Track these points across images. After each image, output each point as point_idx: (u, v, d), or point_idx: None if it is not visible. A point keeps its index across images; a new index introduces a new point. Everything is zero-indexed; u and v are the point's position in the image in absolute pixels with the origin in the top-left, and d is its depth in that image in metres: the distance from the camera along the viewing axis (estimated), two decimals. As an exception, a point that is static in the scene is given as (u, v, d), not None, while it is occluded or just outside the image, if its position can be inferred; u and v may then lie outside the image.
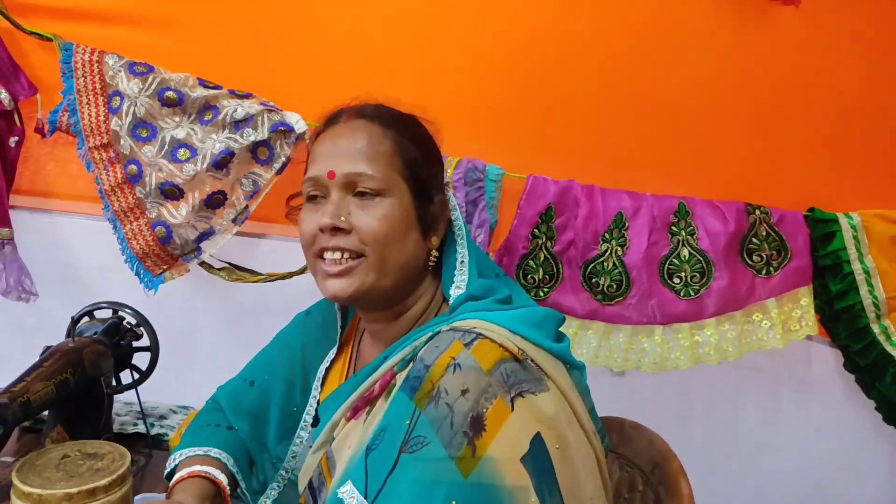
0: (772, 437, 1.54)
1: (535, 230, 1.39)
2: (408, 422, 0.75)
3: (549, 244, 1.40)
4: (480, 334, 0.79)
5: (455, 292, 0.92)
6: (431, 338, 0.83)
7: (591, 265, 1.38)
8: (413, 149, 0.94)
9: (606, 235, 1.37)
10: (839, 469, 1.56)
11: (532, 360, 0.80)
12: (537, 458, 0.75)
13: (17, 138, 1.45)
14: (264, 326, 1.20)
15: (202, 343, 1.57)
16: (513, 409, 0.75)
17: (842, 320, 1.38)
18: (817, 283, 1.38)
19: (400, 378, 0.83)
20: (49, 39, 1.40)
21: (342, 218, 0.89)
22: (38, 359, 1.09)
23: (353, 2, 1.40)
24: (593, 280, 1.38)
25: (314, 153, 0.95)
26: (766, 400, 1.53)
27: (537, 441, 0.75)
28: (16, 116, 1.44)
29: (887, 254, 1.37)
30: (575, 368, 0.87)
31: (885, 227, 1.37)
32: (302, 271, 1.45)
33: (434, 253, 0.96)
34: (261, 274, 1.47)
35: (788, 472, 1.56)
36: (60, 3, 1.40)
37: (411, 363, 0.82)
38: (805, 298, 1.37)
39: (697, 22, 1.35)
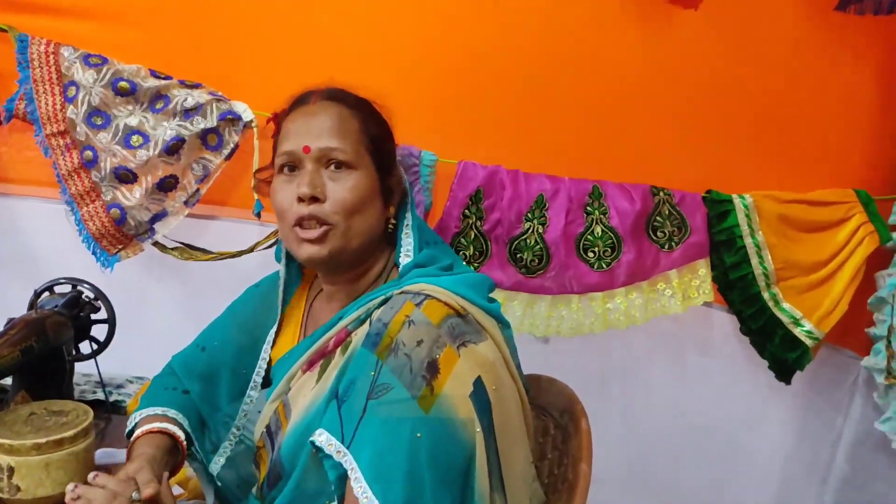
0: (680, 395, 1.71)
1: (466, 211, 1.53)
2: (372, 373, 0.86)
3: (478, 223, 1.54)
4: (428, 295, 0.91)
5: (404, 260, 1.03)
6: (385, 301, 0.94)
7: (516, 242, 1.53)
8: (376, 127, 1.05)
9: (529, 215, 1.52)
10: (743, 423, 1.75)
11: (472, 316, 0.92)
12: (479, 396, 0.87)
13: (-26, 126, 1.52)
14: (215, 302, 1.29)
15: (157, 318, 1.67)
16: (459, 355, 0.87)
17: (736, 288, 1.56)
18: (714, 256, 1.56)
19: (355, 336, 0.94)
20: (4, 31, 1.48)
21: (318, 189, 0.98)
22: (2, 328, 1.18)
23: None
24: (518, 255, 1.53)
25: (286, 130, 1.04)
26: (673, 362, 1.70)
27: (479, 382, 0.88)
28: (-26, 105, 1.51)
29: (776, 230, 1.54)
30: (504, 326, 0.99)
31: (773, 206, 1.54)
32: (250, 250, 1.56)
33: (392, 221, 1.06)
34: (211, 252, 1.57)
35: (700, 426, 1.74)
36: (16, -4, 1.48)
37: (366, 322, 0.93)
38: (703, 269, 1.54)
39: (607, 23, 1.50)
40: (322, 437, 0.86)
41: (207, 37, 1.52)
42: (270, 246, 1.54)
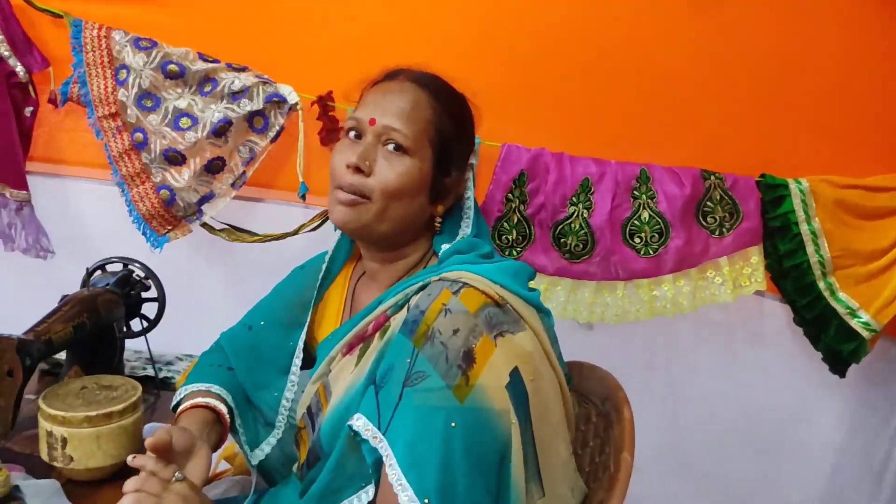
0: (728, 385, 1.67)
1: (510, 194, 1.51)
2: (408, 360, 0.86)
3: (521, 207, 1.52)
4: (466, 283, 0.89)
5: (444, 247, 1.02)
6: (423, 287, 0.93)
7: (560, 226, 1.50)
8: (449, 123, 1.03)
9: (574, 199, 1.49)
10: (793, 416, 1.70)
11: (510, 305, 0.91)
12: (516, 387, 0.86)
13: (31, 108, 1.57)
14: (261, 282, 1.31)
15: (205, 297, 1.70)
16: (496, 345, 0.86)
17: (790, 277, 1.50)
18: (768, 244, 1.51)
19: (394, 321, 0.94)
20: (60, 16, 1.51)
21: (367, 162, 0.98)
22: (56, 305, 1.22)
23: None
24: (562, 240, 1.50)
25: (365, 98, 1.05)
26: (722, 351, 1.66)
27: (515, 373, 0.87)
28: (30, 88, 1.55)
29: (832, 216, 1.48)
30: (545, 315, 0.98)
31: (831, 192, 1.48)
32: (295, 232, 1.57)
33: (438, 219, 1.05)
34: (258, 234, 1.59)
35: (745, 418, 1.70)
36: (70, -19, 1.52)
37: (404, 308, 0.93)
38: (755, 257, 1.49)
39: (656, 2, 1.45)
40: (360, 422, 0.87)
41: (254, 21, 1.53)
42: (315, 228, 1.56)
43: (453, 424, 0.82)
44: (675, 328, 1.62)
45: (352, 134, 1.03)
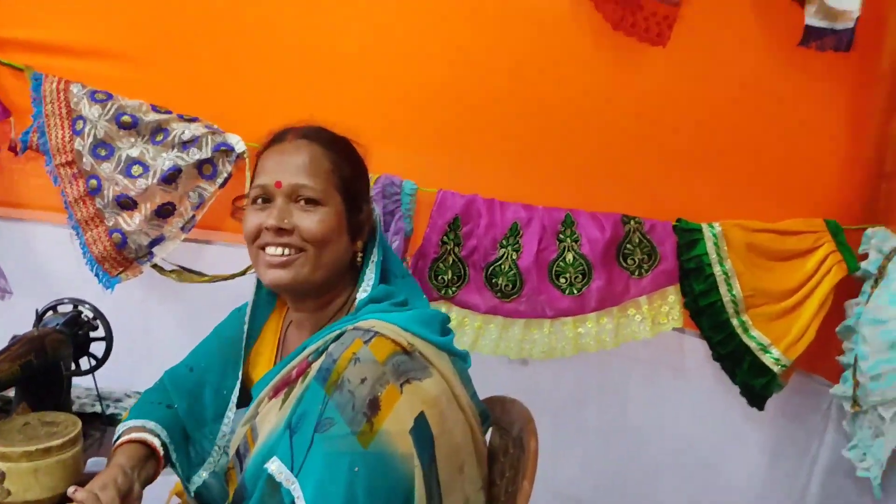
0: (656, 419, 1.76)
1: (445, 237, 1.61)
2: (320, 407, 0.93)
3: (456, 249, 1.61)
4: (377, 332, 0.96)
5: (360, 295, 1.09)
6: (339, 335, 1.00)
7: (492, 267, 1.60)
8: (347, 167, 1.12)
9: (504, 242, 1.59)
10: (719, 445, 1.79)
11: (419, 352, 0.98)
12: (421, 431, 0.93)
13: (-8, 155, 1.65)
14: (211, 321, 1.37)
15: (157, 336, 1.77)
16: (402, 392, 0.93)
17: (705, 315, 1.61)
18: (684, 283, 1.61)
19: (314, 367, 1.00)
20: (21, 70, 1.61)
21: (285, 220, 1.06)
22: (6, 345, 1.29)
23: (282, 38, 1.61)
24: (493, 280, 1.60)
25: (262, 165, 1.12)
26: (649, 386, 1.75)
27: (421, 418, 0.94)
28: (-9, 136, 1.64)
29: (744, 258, 1.59)
30: (458, 358, 1.05)
31: (742, 235, 1.59)
32: (243, 273, 1.66)
33: (360, 255, 1.13)
34: (206, 275, 1.67)
35: (674, 450, 1.78)
36: (31, 37, 1.61)
37: (324, 354, 1.00)
38: (672, 296, 1.60)
39: (580, 59, 1.58)
40: (274, 465, 0.94)
41: (204, 74, 1.63)
42: (261, 269, 1.64)
43: (356, 469, 0.89)
44: (604, 363, 1.71)
45: (259, 201, 1.09)
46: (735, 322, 1.59)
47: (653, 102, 1.59)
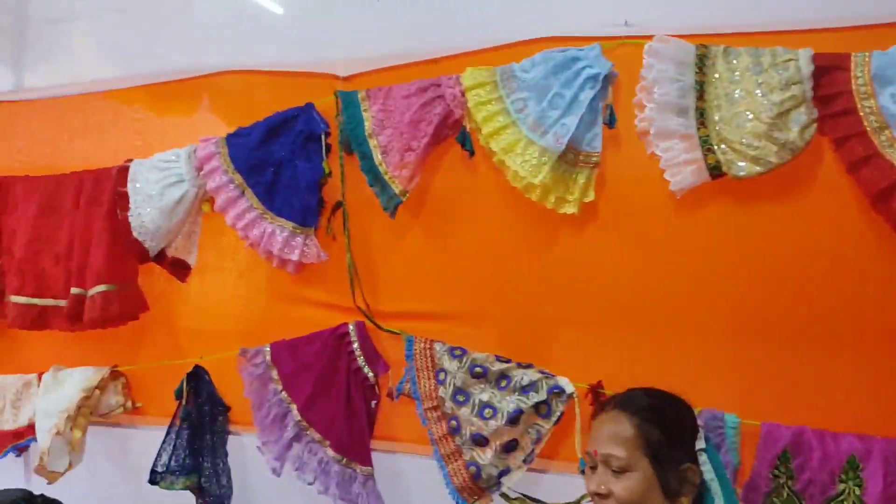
0: None
1: (775, 470, 1.63)
2: None
3: (789, 483, 1.62)
4: None
5: None
6: None
7: (832, 503, 1.57)
8: (655, 432, 1.29)
9: (843, 476, 1.56)
10: None
11: None
12: None
13: (375, 402, 2.11)
14: None
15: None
16: None
17: None
18: None
19: None
20: (398, 334, 2.08)
21: (602, 487, 1.28)
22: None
23: (596, 297, 1.88)
24: (837, 516, 1.56)
25: (592, 432, 1.36)
26: None
27: None
28: (376, 388, 2.10)
29: None
30: None
31: None
32: (577, 502, 1.83)
33: None
34: (545, 502, 1.87)
35: None
36: (404, 309, 2.09)
37: None
38: None
39: None
40: None
41: (534, 326, 1.95)
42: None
43: None
44: None
45: (591, 466, 1.32)
46: None
47: None
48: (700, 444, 1.31)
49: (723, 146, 1.67)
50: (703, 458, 1.31)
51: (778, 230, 1.71)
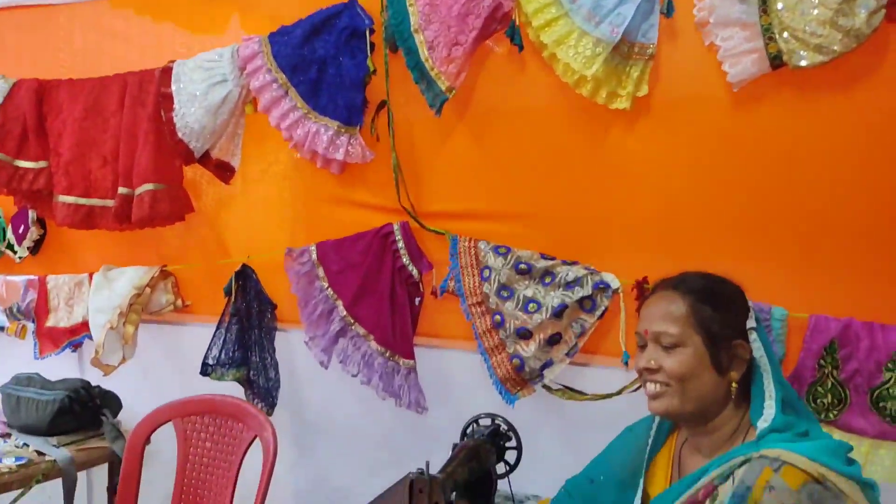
0: None
1: (821, 360, 1.65)
2: None
3: (834, 372, 1.64)
4: (785, 462, 1.08)
5: (762, 425, 1.21)
6: (744, 461, 1.14)
7: (877, 391, 1.59)
8: (707, 309, 1.29)
9: (890, 365, 1.58)
10: None
11: (830, 482, 1.06)
12: None
13: (419, 299, 2.14)
14: (591, 435, 1.59)
15: (543, 448, 2.04)
16: None
17: None
18: None
19: (721, 491, 1.15)
20: (442, 234, 2.10)
21: (651, 362, 1.29)
22: (452, 453, 1.64)
23: (645, 186, 1.87)
24: (881, 404, 1.58)
25: (641, 313, 1.38)
26: None
27: None
28: (419, 285, 2.13)
29: None
30: (868, 487, 1.10)
31: None
32: (618, 393, 1.87)
33: (734, 385, 1.28)
34: (587, 394, 1.92)
35: None
36: (448, 208, 2.09)
37: (729, 479, 1.14)
38: None
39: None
40: None
41: (581, 225, 1.95)
42: (636, 389, 1.84)
43: None
44: None
45: (641, 346, 1.33)
46: None
47: None
48: (751, 322, 1.32)
49: (785, 34, 1.62)
50: (752, 335, 1.32)
51: (837, 123, 1.67)
